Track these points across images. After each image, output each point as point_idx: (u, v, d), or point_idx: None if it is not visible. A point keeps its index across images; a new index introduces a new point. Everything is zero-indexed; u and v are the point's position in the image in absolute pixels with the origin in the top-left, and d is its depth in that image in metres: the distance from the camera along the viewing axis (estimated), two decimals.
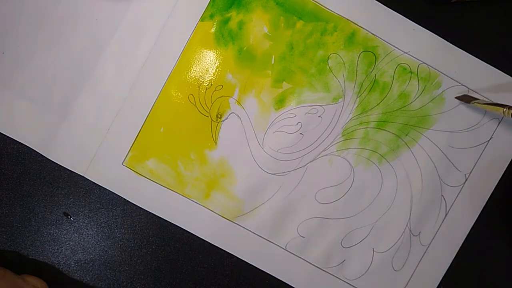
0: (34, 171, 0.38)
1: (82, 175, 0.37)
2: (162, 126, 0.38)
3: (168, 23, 0.37)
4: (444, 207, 0.39)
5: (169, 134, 0.38)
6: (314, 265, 0.38)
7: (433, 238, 0.39)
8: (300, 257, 0.38)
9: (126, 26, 0.37)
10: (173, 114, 0.38)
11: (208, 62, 0.38)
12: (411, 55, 0.38)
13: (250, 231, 0.38)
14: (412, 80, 0.38)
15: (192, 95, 0.38)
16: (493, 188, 0.39)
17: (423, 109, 0.38)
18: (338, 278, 0.39)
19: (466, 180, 0.39)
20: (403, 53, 0.38)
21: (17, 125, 0.37)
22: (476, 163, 0.39)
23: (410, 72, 0.38)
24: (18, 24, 0.37)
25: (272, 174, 0.38)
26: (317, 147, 0.38)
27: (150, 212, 0.38)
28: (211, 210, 0.38)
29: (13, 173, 0.38)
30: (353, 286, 0.39)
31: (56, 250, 0.38)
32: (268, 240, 0.38)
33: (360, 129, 0.38)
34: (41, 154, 0.37)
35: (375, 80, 0.38)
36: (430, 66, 0.38)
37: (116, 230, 0.38)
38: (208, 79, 0.38)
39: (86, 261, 0.38)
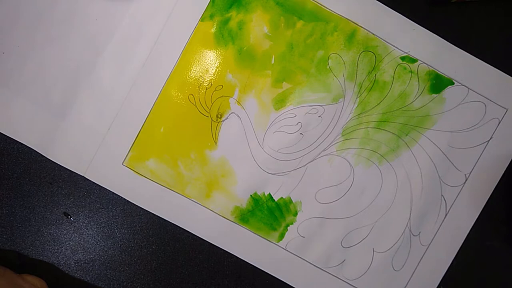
0: (34, 171, 0.38)
1: (82, 175, 0.37)
2: (162, 126, 0.38)
3: (168, 23, 0.37)
4: (444, 207, 0.39)
5: (169, 134, 0.38)
6: (314, 265, 0.38)
7: (433, 238, 0.39)
8: (300, 257, 0.38)
9: (126, 26, 0.37)
10: (173, 114, 0.38)
11: (208, 62, 0.38)
12: (411, 55, 0.38)
13: (250, 231, 0.38)
14: (412, 80, 0.38)
15: (192, 95, 0.38)
16: (493, 188, 0.39)
17: (423, 109, 0.38)
18: (338, 278, 0.39)
19: (466, 180, 0.39)
20: (403, 53, 0.38)
21: (17, 125, 0.37)
22: (476, 163, 0.39)
23: (410, 72, 0.38)
24: (18, 24, 0.37)
25: (272, 174, 0.38)
26: (317, 147, 0.38)
27: (150, 212, 0.38)
28: (211, 210, 0.38)
29: (13, 173, 0.38)
30: (353, 286, 0.39)
31: (56, 250, 0.38)
32: (268, 240, 0.38)
33: (360, 129, 0.38)
34: (41, 154, 0.37)
35: (375, 80, 0.38)
36: (430, 66, 0.38)
37: (116, 230, 0.38)
38: (208, 79, 0.38)
39: (86, 261, 0.38)
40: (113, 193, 0.38)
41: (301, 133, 0.38)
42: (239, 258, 0.38)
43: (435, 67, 0.38)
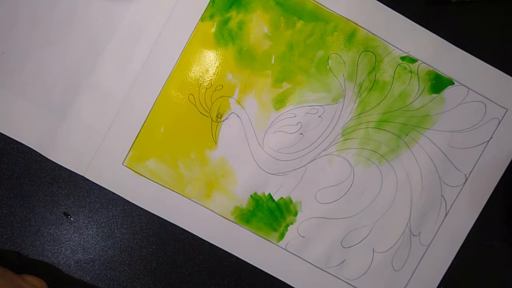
0: (34, 171, 0.38)
1: (82, 175, 0.37)
2: (162, 126, 0.38)
3: (168, 23, 0.37)
4: (444, 207, 0.39)
5: (169, 134, 0.38)
6: (314, 265, 0.38)
7: (433, 238, 0.39)
8: (300, 257, 0.38)
9: (126, 26, 0.37)
10: (173, 114, 0.38)
11: (208, 62, 0.38)
12: (411, 55, 0.38)
13: (250, 231, 0.38)
14: (412, 80, 0.38)
15: (192, 95, 0.38)
16: (493, 188, 0.39)
17: (423, 109, 0.38)
18: (338, 278, 0.39)
19: (466, 180, 0.39)
20: (403, 53, 0.38)
21: (17, 125, 0.37)
22: (476, 163, 0.39)
23: (410, 72, 0.38)
24: (17, 24, 0.37)
25: (272, 174, 0.38)
26: (317, 147, 0.38)
27: (150, 212, 0.38)
28: (211, 210, 0.38)
29: (13, 173, 0.38)
30: (353, 286, 0.39)
31: (56, 250, 0.38)
32: (268, 240, 0.38)
33: (360, 129, 0.38)
34: (41, 154, 0.37)
35: (375, 80, 0.38)
36: (430, 66, 0.38)
37: (116, 230, 0.38)
38: (208, 79, 0.38)
39: (86, 261, 0.38)
40: (113, 193, 0.38)
41: (301, 133, 0.38)
42: (239, 258, 0.38)
43: (435, 67, 0.38)
